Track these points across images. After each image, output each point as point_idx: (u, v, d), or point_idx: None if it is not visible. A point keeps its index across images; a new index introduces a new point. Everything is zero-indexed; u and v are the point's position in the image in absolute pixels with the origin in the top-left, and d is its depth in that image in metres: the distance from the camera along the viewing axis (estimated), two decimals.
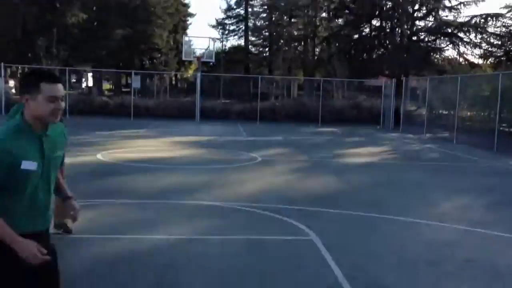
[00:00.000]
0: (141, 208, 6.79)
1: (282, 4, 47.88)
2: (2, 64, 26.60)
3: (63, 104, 2.44)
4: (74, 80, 57.98)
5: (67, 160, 5.41)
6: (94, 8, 40.90)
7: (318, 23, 48.43)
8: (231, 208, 6.99)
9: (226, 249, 5.24)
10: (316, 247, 5.32)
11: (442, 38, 39.22)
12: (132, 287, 4.20)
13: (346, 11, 43.49)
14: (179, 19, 57.10)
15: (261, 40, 52.83)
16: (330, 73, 33.63)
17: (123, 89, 49.03)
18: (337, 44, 40.60)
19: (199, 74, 25.71)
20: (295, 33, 49.17)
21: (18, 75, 60.37)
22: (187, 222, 6.20)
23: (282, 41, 47.16)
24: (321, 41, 48.65)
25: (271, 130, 21.39)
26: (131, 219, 6.23)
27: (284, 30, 47.68)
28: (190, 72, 62.63)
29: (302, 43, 48.94)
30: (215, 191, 8.18)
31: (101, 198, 7.16)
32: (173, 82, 64.40)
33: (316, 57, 48.15)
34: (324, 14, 49.30)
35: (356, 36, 43.78)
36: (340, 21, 46.79)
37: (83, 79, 63.97)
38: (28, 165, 2.33)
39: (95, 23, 41.00)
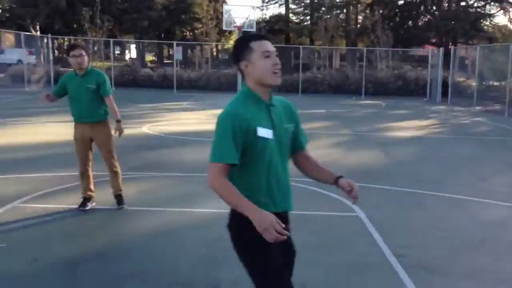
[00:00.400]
0: (187, 181, 6.91)
1: None
2: (49, 35, 27.21)
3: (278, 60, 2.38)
4: (118, 52, 58.88)
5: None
6: None
7: None
8: None
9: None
10: (363, 224, 5.28)
11: (492, 3, 37.40)
12: (188, 260, 4.27)
13: None
14: None
15: (302, 8, 51.79)
16: (374, 42, 32.70)
17: (165, 61, 49.53)
18: (381, 11, 39.43)
19: None
20: (337, 0, 47.97)
21: (65, 46, 61.63)
22: None
23: (323, 8, 46.04)
24: (364, 8, 47.33)
25: (313, 102, 21.18)
26: (177, 192, 6.35)
27: None
28: (231, 42, 62.52)
29: (345, 11, 47.73)
30: None
31: (148, 171, 7.32)
32: (214, 53, 64.45)
33: (358, 26, 46.95)
34: None
35: (401, 2, 42.40)
36: None
37: (126, 51, 64.88)
38: (264, 132, 2.21)
39: None
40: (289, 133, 2.39)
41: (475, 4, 39.80)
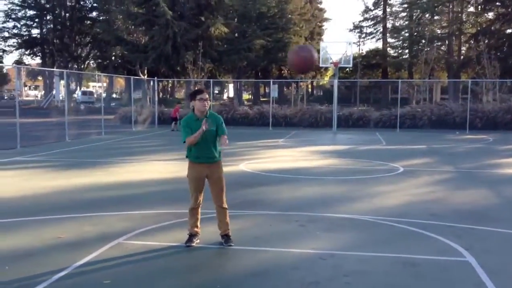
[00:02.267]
0: (282, 220, 6.86)
1: (424, 0, 45.46)
2: (156, 78, 29.14)
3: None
4: (217, 92, 61.43)
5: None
6: (236, 19, 42.87)
7: (464, 19, 45.18)
8: (374, 222, 6.74)
9: (373, 266, 5.01)
10: (474, 270, 4.86)
11: None
12: None
13: (497, 3, 39.97)
14: (315, 25, 57.42)
15: (400, 42, 50.82)
16: (479, 74, 31.03)
17: (262, 99, 50.72)
18: (486, 41, 37.49)
19: (335, 81, 25.49)
20: (438, 31, 46.40)
21: (169, 88, 65.57)
22: (328, 236, 6.10)
23: (423, 41, 44.77)
24: (468, 39, 45.29)
25: (412, 138, 20.39)
26: (273, 231, 6.31)
27: (426, 29, 45.27)
28: (326, 78, 62.60)
29: (446, 42, 46.01)
30: (356, 203, 7.96)
31: (246, 209, 7.38)
32: (309, 90, 64.90)
33: (462, 57, 44.93)
34: (471, 9, 45.89)
35: (509, 30, 40.01)
36: (490, 15, 43.19)
37: (225, 90, 67.51)
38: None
39: (236, 35, 42.98)
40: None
41: None
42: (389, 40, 51.54)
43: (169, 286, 4.51)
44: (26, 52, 55.79)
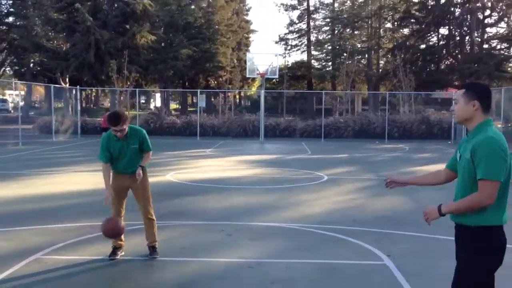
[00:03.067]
0: (209, 230, 6.83)
1: (345, 16, 47.47)
2: (78, 87, 28.11)
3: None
4: (143, 101, 60.28)
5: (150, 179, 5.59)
6: (162, 29, 42.41)
7: (382, 34, 47.58)
8: (299, 229, 6.89)
9: (299, 273, 5.12)
10: (391, 273, 5.10)
11: None
12: None
13: (412, 20, 42.50)
14: (242, 36, 58.05)
15: (324, 54, 52.56)
16: (396, 86, 32.75)
17: (189, 108, 50.39)
18: (402, 56, 39.67)
19: (262, 91, 25.88)
20: (359, 45, 48.53)
21: (93, 97, 63.42)
22: (255, 244, 6.15)
23: (345, 54, 46.60)
24: (385, 53, 47.71)
25: (336, 147, 21.09)
26: (199, 241, 6.27)
27: (347, 42, 47.19)
28: (254, 89, 63.40)
29: (366, 56, 48.21)
30: (282, 212, 8.10)
31: (171, 220, 7.29)
32: (237, 100, 65.34)
33: (380, 70, 47.25)
34: (388, 25, 48.44)
35: (422, 46, 42.63)
36: (405, 31, 45.80)
37: (152, 100, 66.38)
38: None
39: (163, 44, 42.49)
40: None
41: (498, 47, 39.73)
42: (313, 52, 53.11)
43: None
44: None
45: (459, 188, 2.99)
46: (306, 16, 53.70)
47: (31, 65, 46.24)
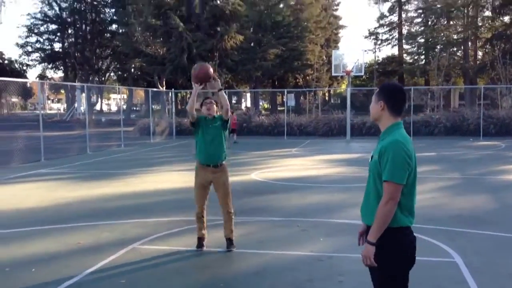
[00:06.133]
0: (286, 225, 7.32)
1: (439, 6, 45.52)
2: (173, 90, 29.87)
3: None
4: (234, 102, 62.14)
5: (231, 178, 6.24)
6: (251, 29, 43.43)
7: (479, 23, 45.06)
8: None
9: (365, 267, 5.42)
10: (458, 269, 5.26)
11: None
12: None
13: None
14: (331, 32, 57.60)
15: (416, 48, 50.85)
16: (494, 79, 31.04)
17: (279, 108, 51.18)
18: (502, 46, 37.43)
19: (348, 89, 25.85)
20: (454, 36, 46.37)
21: (187, 99, 66.31)
22: (328, 240, 6.53)
23: (438, 46, 44.75)
24: (483, 44, 45.17)
25: (424, 145, 20.64)
26: (275, 235, 6.78)
27: (442, 34, 45.30)
28: (343, 86, 62.83)
29: (462, 47, 45.93)
30: (357, 209, 8.32)
31: (252, 216, 7.87)
32: (326, 98, 65.11)
33: (478, 62, 44.81)
34: (487, 13, 45.80)
35: None
36: (505, 19, 43.03)
37: (243, 99, 68.18)
38: None
39: (252, 44, 43.56)
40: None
41: None
42: (405, 46, 51.56)
43: (178, 284, 5.03)
44: (49, 66, 57.49)
45: (369, 187, 3.09)
46: (397, 8, 52.28)
47: (132, 70, 49.64)
